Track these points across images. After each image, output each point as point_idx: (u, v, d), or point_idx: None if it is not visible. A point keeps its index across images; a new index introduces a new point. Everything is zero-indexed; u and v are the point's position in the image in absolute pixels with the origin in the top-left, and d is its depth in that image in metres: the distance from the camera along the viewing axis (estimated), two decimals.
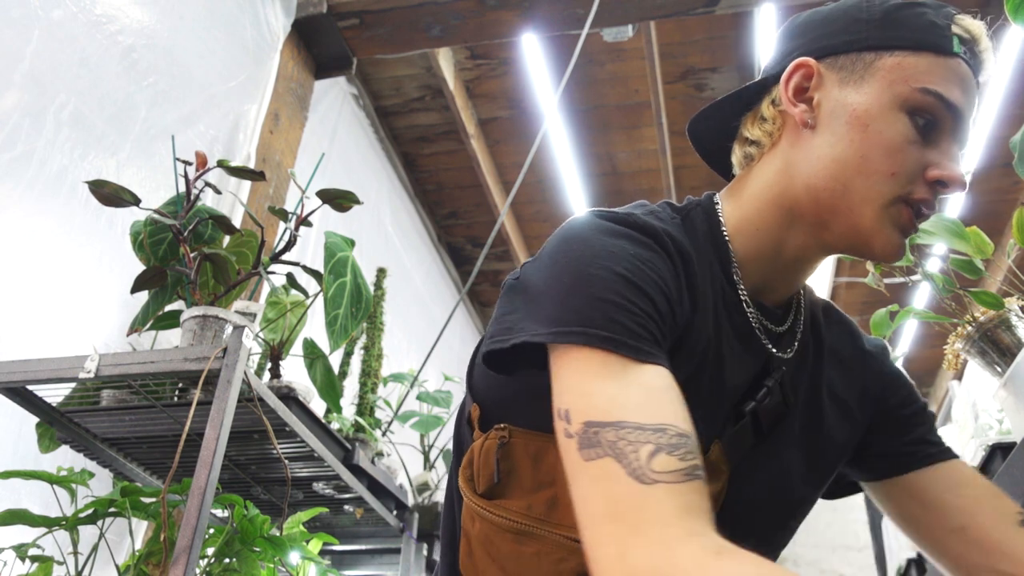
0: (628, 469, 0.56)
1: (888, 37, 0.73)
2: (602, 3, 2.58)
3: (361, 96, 3.58)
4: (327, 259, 1.61)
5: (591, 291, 0.65)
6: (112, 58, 2.02)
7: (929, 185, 0.72)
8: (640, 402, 0.59)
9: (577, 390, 0.62)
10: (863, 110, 0.72)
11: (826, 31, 0.77)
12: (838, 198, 0.73)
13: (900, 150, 0.71)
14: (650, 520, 0.54)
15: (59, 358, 1.38)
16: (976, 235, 1.36)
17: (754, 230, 0.78)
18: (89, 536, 1.38)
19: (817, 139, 0.74)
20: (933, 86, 0.71)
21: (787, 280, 0.80)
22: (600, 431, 0.58)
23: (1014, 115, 3.48)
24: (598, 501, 0.56)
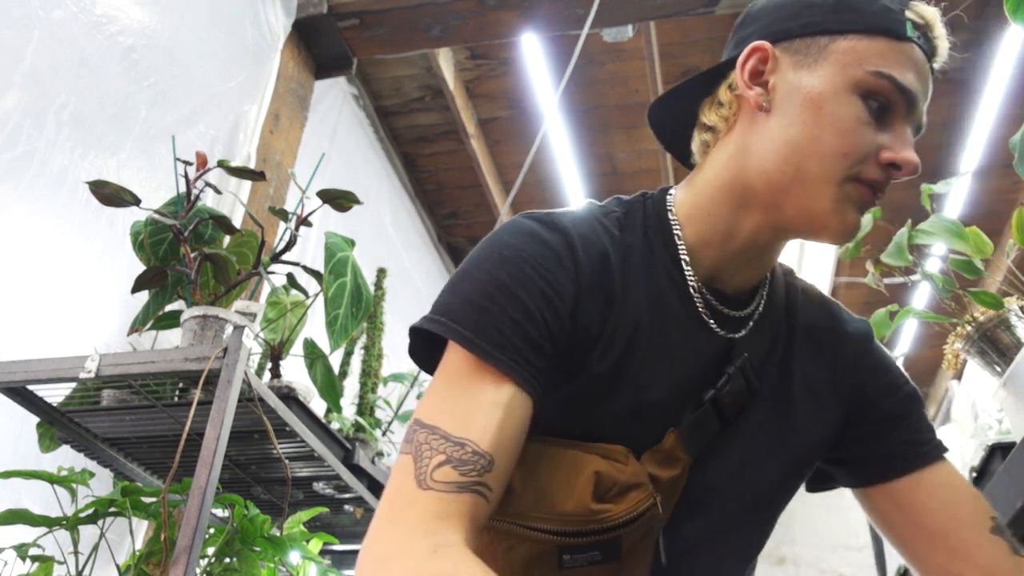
0: (416, 472, 0.62)
1: (842, 21, 0.74)
2: (602, 3, 2.58)
3: (361, 96, 3.58)
4: (327, 259, 1.61)
5: (469, 293, 0.70)
6: (112, 58, 2.02)
7: (882, 167, 0.73)
8: (460, 412, 0.65)
9: (432, 385, 0.70)
10: (817, 92, 0.73)
11: (781, 15, 0.77)
12: (791, 179, 0.73)
13: (853, 131, 0.72)
14: (407, 518, 0.60)
15: (59, 358, 1.38)
16: (976, 235, 1.36)
17: (705, 215, 0.78)
18: (89, 536, 1.39)
19: (772, 122, 0.75)
20: (886, 69, 0.72)
21: (745, 265, 0.79)
22: (418, 430, 0.65)
23: (1014, 115, 3.48)
24: (387, 490, 0.64)
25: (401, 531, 0.60)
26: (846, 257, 1.54)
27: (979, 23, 3.25)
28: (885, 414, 0.83)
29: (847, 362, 0.84)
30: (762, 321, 0.80)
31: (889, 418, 0.83)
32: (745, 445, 0.77)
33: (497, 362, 0.67)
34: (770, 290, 0.82)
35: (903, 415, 0.84)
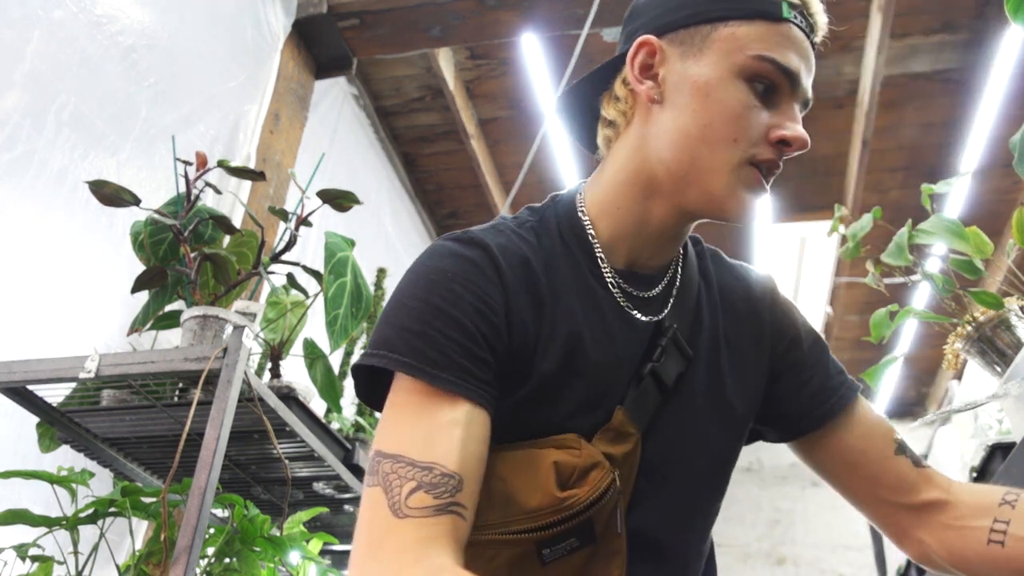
0: (389, 502, 0.63)
1: (721, 8, 0.76)
2: (602, 3, 2.58)
3: (361, 96, 3.58)
4: (327, 259, 1.61)
5: (402, 321, 0.71)
6: (112, 58, 2.02)
7: (773, 146, 0.75)
8: (421, 437, 0.66)
9: (385, 417, 0.70)
10: (703, 81, 0.75)
11: (666, 8, 0.79)
12: (687, 167, 0.76)
13: (741, 116, 0.74)
14: (390, 548, 0.61)
15: (59, 358, 1.38)
16: (976, 235, 1.36)
17: (615, 209, 0.80)
18: (89, 536, 1.39)
19: (664, 113, 0.77)
20: (767, 52, 0.74)
21: (659, 249, 0.82)
22: (381, 461, 0.66)
23: (1014, 115, 3.48)
24: (361, 526, 0.64)
25: (389, 563, 0.61)
26: (846, 257, 1.54)
27: (979, 23, 3.25)
28: (800, 363, 0.87)
29: (761, 318, 0.87)
30: (682, 293, 0.83)
31: (804, 367, 0.87)
32: (689, 411, 0.80)
33: (446, 383, 0.68)
34: (684, 264, 0.86)
35: (817, 362, 0.88)
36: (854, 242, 1.53)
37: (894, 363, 1.58)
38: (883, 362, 1.56)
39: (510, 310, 0.73)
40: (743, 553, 5.47)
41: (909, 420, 5.86)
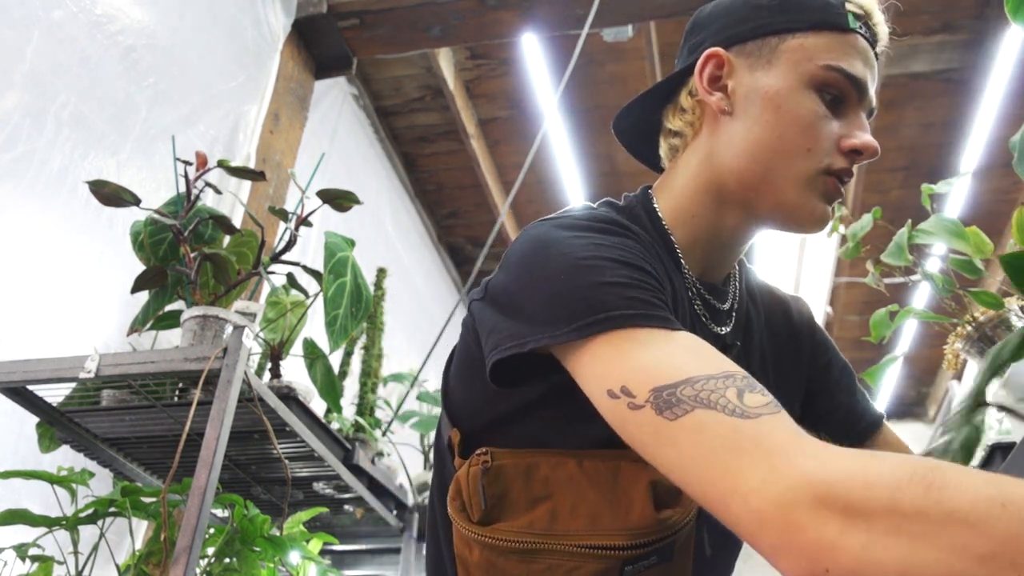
0: (725, 411, 0.54)
1: (788, 20, 0.77)
2: (602, 3, 2.58)
3: (361, 96, 3.58)
4: (327, 259, 1.61)
5: (594, 279, 0.64)
6: (112, 58, 2.02)
7: (845, 155, 0.77)
8: (694, 358, 0.59)
9: (624, 367, 0.60)
10: (774, 91, 0.76)
11: (730, 21, 0.81)
12: (761, 178, 0.76)
13: (813, 126, 0.75)
14: (777, 444, 0.51)
15: (59, 358, 1.38)
16: (976, 235, 1.36)
17: (690, 217, 0.81)
18: (89, 536, 1.39)
19: (735, 124, 0.78)
20: (835, 62, 0.76)
21: (727, 259, 0.83)
22: (674, 390, 0.56)
23: (1014, 115, 3.48)
24: (706, 448, 0.53)
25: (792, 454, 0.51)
26: (846, 257, 1.54)
27: (979, 23, 3.25)
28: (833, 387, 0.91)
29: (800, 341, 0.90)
30: (739, 311, 0.85)
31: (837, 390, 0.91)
32: None
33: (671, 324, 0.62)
34: (741, 280, 0.87)
35: (848, 387, 0.92)
36: (854, 242, 1.53)
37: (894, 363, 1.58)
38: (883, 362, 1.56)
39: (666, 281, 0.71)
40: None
41: (909, 420, 5.85)
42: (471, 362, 0.77)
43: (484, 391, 0.74)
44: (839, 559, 0.45)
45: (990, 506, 0.44)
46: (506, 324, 0.68)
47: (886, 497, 0.46)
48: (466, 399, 0.78)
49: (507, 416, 0.74)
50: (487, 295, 0.74)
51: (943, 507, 0.44)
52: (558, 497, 0.68)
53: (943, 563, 0.43)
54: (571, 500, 0.68)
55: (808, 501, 0.47)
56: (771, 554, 0.48)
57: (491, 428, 0.75)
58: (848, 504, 0.46)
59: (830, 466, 0.49)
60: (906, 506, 0.45)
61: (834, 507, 0.47)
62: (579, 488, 0.68)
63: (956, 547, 0.43)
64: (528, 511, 0.69)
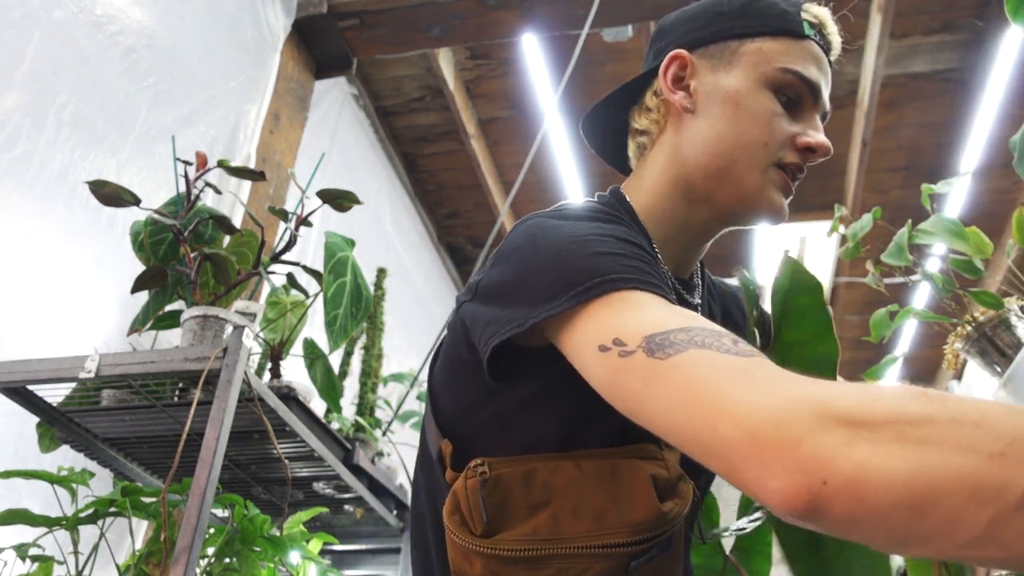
0: (720, 351, 0.53)
1: (748, 25, 0.83)
2: (602, 3, 2.58)
3: (361, 96, 3.58)
4: (327, 259, 1.61)
5: (590, 251, 0.65)
6: (113, 58, 2.02)
7: (799, 152, 0.82)
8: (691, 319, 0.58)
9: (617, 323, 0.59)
10: (734, 90, 0.82)
11: (694, 25, 0.87)
12: (723, 170, 0.81)
13: (769, 122, 0.81)
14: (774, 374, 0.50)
15: (59, 358, 1.38)
16: (976, 235, 1.36)
17: (662, 212, 0.85)
18: (89, 536, 1.39)
19: (698, 121, 0.83)
20: (791, 65, 0.81)
21: (695, 255, 0.88)
22: (668, 335, 0.55)
23: (1014, 115, 3.48)
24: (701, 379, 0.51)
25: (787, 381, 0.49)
26: (846, 257, 1.54)
27: (979, 23, 3.25)
28: None
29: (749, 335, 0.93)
30: (702, 307, 0.89)
31: None
32: None
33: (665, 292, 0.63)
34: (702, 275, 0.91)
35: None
36: (854, 242, 1.53)
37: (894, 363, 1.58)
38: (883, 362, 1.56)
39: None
40: None
41: None
42: (461, 365, 0.77)
43: (477, 391, 0.75)
44: (840, 469, 0.43)
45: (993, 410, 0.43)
46: (503, 312, 0.68)
47: (890, 407, 0.45)
48: (457, 403, 0.78)
49: (501, 417, 0.74)
50: (478, 293, 0.73)
51: (949, 412, 0.44)
52: (559, 501, 0.68)
53: (953, 465, 0.42)
54: (572, 503, 0.68)
55: (807, 415, 0.45)
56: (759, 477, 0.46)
57: (484, 432, 0.75)
58: (850, 416, 0.45)
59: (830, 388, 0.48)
60: (911, 413, 0.44)
61: (835, 419, 0.45)
62: (580, 489, 0.68)
63: (965, 447, 0.42)
64: (530, 518, 0.69)
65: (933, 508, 0.42)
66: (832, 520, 0.44)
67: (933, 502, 0.42)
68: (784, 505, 0.45)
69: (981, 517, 0.41)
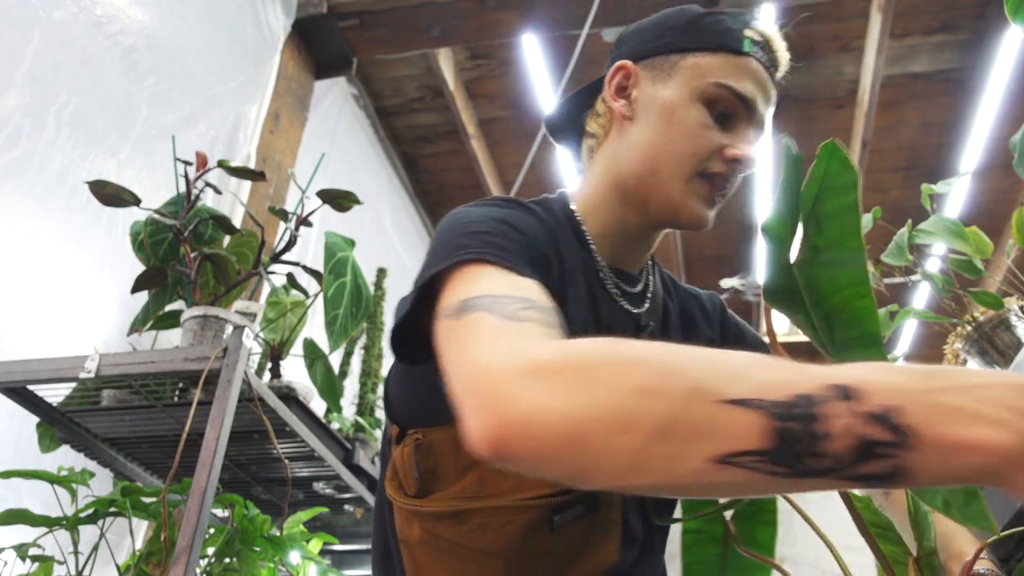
0: (500, 315, 0.58)
1: (690, 40, 0.88)
2: (602, 3, 2.58)
3: (361, 96, 3.58)
4: (327, 259, 1.61)
5: (466, 230, 0.73)
6: (113, 58, 2.02)
7: (725, 163, 0.85)
8: (512, 286, 0.64)
9: (456, 291, 0.65)
10: (669, 102, 0.86)
11: (644, 38, 0.92)
12: (652, 176, 0.86)
13: (698, 134, 0.85)
14: (516, 336, 0.55)
15: (59, 358, 1.38)
16: (976, 235, 1.36)
17: (600, 211, 0.90)
18: (89, 536, 1.39)
19: (635, 128, 0.89)
20: (725, 80, 0.85)
21: (637, 251, 0.92)
22: (476, 300, 0.61)
23: (1014, 115, 3.48)
24: (465, 338, 0.57)
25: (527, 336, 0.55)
26: None
27: (979, 23, 3.26)
28: None
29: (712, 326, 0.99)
30: (655, 298, 0.94)
31: None
32: None
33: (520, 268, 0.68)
34: (656, 271, 0.97)
35: None
36: None
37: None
38: None
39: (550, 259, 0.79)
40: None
41: None
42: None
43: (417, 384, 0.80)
44: (515, 411, 0.47)
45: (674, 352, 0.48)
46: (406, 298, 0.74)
47: (579, 355, 0.49)
48: (402, 397, 0.84)
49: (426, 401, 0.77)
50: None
51: (629, 355, 0.48)
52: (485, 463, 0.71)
53: (603, 400, 0.46)
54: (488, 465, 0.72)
55: (508, 367, 0.50)
56: (466, 424, 0.50)
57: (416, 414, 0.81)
58: (542, 365, 0.49)
59: (548, 343, 0.53)
60: (592, 357, 0.49)
61: (528, 369, 0.49)
62: None
63: (618, 385, 0.46)
64: (459, 479, 0.75)
65: (587, 441, 0.45)
66: (515, 460, 0.48)
67: (586, 435, 0.45)
68: (478, 448, 0.48)
69: (623, 446, 0.44)
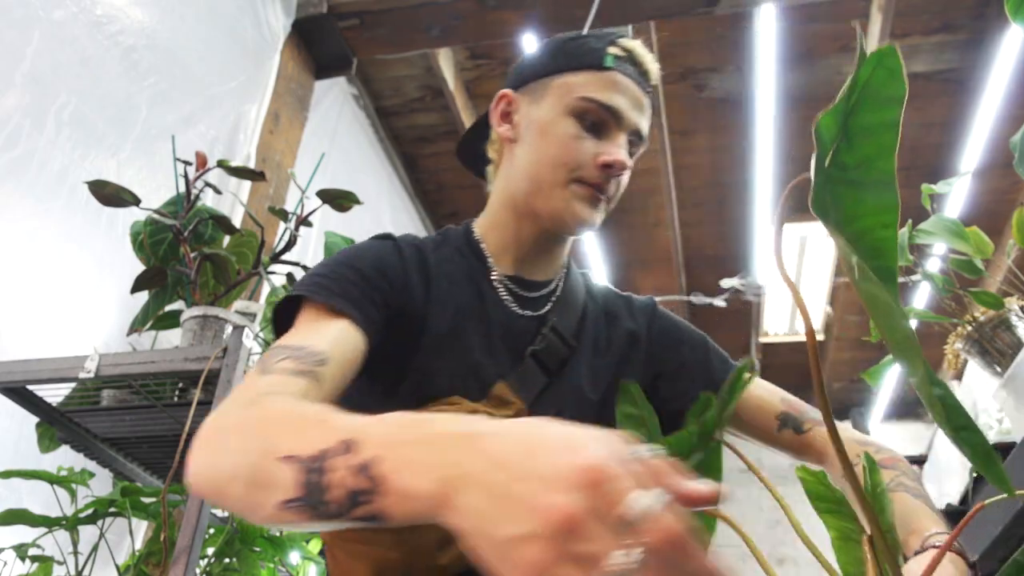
0: (262, 367, 0.74)
1: (558, 63, 0.97)
2: (602, 3, 2.58)
3: (361, 96, 3.58)
4: None
5: (313, 272, 0.88)
6: (113, 58, 2.02)
7: (599, 168, 0.93)
8: (303, 335, 0.80)
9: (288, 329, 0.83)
10: (543, 120, 0.96)
11: (523, 67, 1.02)
12: (536, 189, 0.95)
13: (568, 145, 0.93)
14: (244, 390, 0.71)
15: (59, 358, 1.38)
16: (976, 235, 1.36)
17: (499, 228, 1.00)
18: (89, 536, 1.39)
19: (519, 149, 0.98)
20: (591, 94, 0.94)
21: (540, 262, 1.00)
22: (271, 351, 0.78)
23: (1014, 115, 3.48)
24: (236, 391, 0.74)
25: (235, 396, 0.71)
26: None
27: (979, 23, 3.26)
28: (682, 364, 1.03)
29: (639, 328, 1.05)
30: (566, 299, 1.01)
31: (686, 367, 1.03)
32: (569, 392, 0.95)
33: (330, 298, 0.83)
34: (568, 278, 1.03)
35: (698, 361, 1.03)
36: None
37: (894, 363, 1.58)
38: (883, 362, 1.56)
39: (406, 277, 0.91)
40: (743, 553, 5.46)
41: (909, 420, 5.85)
42: None
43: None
44: (188, 475, 0.63)
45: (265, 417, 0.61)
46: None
47: (215, 426, 0.64)
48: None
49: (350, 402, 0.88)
50: None
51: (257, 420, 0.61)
52: None
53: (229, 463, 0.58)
54: None
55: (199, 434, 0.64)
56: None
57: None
58: (203, 435, 0.64)
59: (215, 415, 0.66)
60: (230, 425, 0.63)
61: (199, 438, 0.63)
62: None
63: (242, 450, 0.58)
64: None
65: (222, 495, 0.58)
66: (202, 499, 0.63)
67: (220, 491, 0.59)
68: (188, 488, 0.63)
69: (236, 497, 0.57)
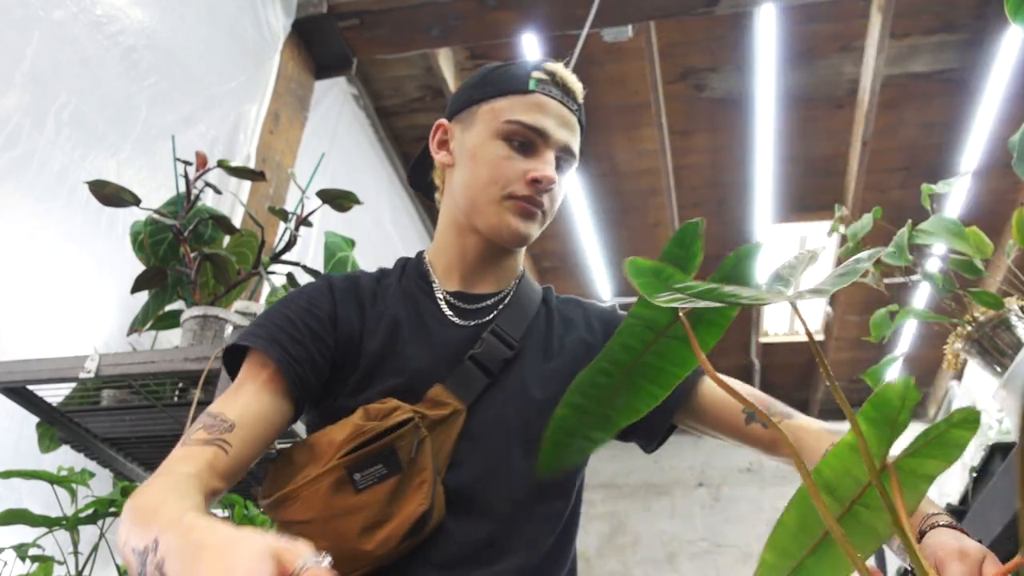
0: (184, 437, 0.86)
1: (484, 92, 1.05)
2: (602, 3, 2.58)
3: (361, 96, 3.58)
4: (327, 259, 1.61)
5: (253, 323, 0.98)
6: (113, 58, 2.02)
7: (528, 184, 1.00)
8: (228, 397, 0.90)
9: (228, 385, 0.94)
10: (474, 145, 1.03)
11: (456, 98, 1.10)
12: (472, 207, 1.02)
13: (499, 165, 1.01)
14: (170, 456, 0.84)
15: (59, 358, 1.38)
16: (976, 235, 1.36)
17: (446, 249, 1.08)
18: (89, 536, 1.39)
19: (456, 173, 1.06)
20: (515, 117, 1.01)
21: (485, 276, 1.07)
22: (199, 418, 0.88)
23: (1014, 115, 3.48)
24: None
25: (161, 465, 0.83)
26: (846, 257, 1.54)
27: (979, 23, 3.26)
28: None
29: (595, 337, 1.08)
30: (515, 306, 1.06)
31: None
32: (518, 389, 0.99)
33: (256, 343, 0.92)
34: (520, 288, 1.09)
35: None
36: (854, 242, 1.53)
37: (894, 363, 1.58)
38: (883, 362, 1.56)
39: (337, 311, 0.99)
40: (743, 553, 5.47)
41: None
42: None
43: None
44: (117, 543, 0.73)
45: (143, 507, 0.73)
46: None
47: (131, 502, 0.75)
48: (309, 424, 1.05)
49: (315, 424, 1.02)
50: None
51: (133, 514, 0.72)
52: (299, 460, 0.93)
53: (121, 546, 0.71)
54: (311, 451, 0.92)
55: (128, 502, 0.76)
56: None
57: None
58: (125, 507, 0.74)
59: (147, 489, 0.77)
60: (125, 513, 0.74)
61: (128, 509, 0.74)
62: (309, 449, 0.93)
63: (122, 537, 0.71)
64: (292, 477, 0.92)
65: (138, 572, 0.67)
66: None
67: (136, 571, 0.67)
68: None
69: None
